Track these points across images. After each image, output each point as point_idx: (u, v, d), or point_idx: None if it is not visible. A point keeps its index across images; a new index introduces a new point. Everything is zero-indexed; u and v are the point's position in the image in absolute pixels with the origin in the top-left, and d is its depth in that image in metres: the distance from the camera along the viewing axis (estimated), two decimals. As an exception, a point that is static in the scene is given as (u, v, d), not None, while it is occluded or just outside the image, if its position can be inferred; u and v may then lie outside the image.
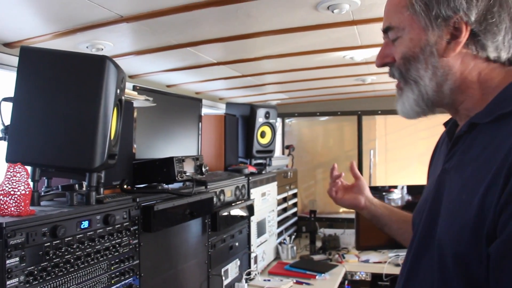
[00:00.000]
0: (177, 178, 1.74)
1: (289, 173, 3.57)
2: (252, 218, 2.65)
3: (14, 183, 1.13)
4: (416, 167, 3.82)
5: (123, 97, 1.41)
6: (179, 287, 1.86)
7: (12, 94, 1.25)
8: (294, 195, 3.74)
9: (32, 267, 1.09)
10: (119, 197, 1.47)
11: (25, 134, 1.24)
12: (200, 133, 2.41)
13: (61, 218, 1.19)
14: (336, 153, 4.22)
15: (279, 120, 4.23)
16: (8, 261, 1.03)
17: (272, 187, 3.08)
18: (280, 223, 3.34)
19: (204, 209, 1.95)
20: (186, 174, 1.80)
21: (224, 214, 2.17)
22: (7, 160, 1.22)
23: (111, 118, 1.28)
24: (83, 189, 1.34)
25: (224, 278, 2.25)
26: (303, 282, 2.71)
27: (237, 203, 2.36)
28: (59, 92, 1.24)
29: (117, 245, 1.42)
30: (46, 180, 1.40)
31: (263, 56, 2.21)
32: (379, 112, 4.02)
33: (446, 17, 0.78)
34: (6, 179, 1.14)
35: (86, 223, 1.28)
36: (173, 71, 2.36)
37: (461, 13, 0.76)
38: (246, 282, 2.50)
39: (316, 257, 3.31)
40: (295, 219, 3.77)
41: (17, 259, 1.05)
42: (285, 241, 3.30)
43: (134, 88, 1.78)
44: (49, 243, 1.15)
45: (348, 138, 4.18)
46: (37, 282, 1.10)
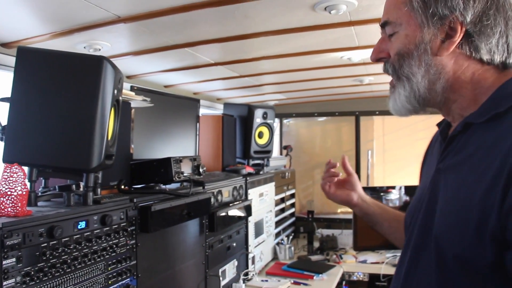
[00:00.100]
0: (175, 179, 1.74)
1: (287, 174, 3.56)
2: (250, 219, 2.64)
3: (11, 184, 1.13)
4: (414, 168, 3.73)
5: (121, 98, 1.41)
6: (177, 288, 1.86)
7: (9, 94, 1.25)
8: (292, 196, 3.74)
9: (29, 268, 1.09)
10: (117, 198, 1.47)
11: (22, 135, 1.24)
12: (198, 134, 2.40)
13: (58, 219, 1.18)
14: (334, 154, 4.20)
15: (277, 121, 4.22)
16: (5, 262, 1.02)
17: (270, 188, 3.08)
18: (278, 224, 3.34)
19: (202, 210, 1.95)
20: (184, 175, 1.80)
21: (222, 215, 2.17)
22: (4, 161, 1.22)
23: (109, 119, 1.28)
24: (80, 190, 1.33)
25: (222, 279, 2.25)
26: (301, 283, 2.71)
27: (235, 204, 2.36)
28: (56, 93, 1.24)
29: (114, 246, 1.42)
30: (43, 181, 1.39)
31: (261, 57, 2.21)
32: (377, 113, 4.03)
33: (443, 16, 0.78)
34: (3, 180, 1.14)
35: (83, 224, 1.28)
36: (171, 72, 2.36)
37: (457, 13, 0.77)
38: (244, 283, 2.50)
39: (314, 258, 3.31)
40: (293, 220, 3.77)
41: (14, 260, 1.05)
42: (283, 242, 3.30)
43: (132, 89, 1.78)
44: (46, 244, 1.14)
45: (346, 139, 4.19)
46: (34, 283, 1.10)
